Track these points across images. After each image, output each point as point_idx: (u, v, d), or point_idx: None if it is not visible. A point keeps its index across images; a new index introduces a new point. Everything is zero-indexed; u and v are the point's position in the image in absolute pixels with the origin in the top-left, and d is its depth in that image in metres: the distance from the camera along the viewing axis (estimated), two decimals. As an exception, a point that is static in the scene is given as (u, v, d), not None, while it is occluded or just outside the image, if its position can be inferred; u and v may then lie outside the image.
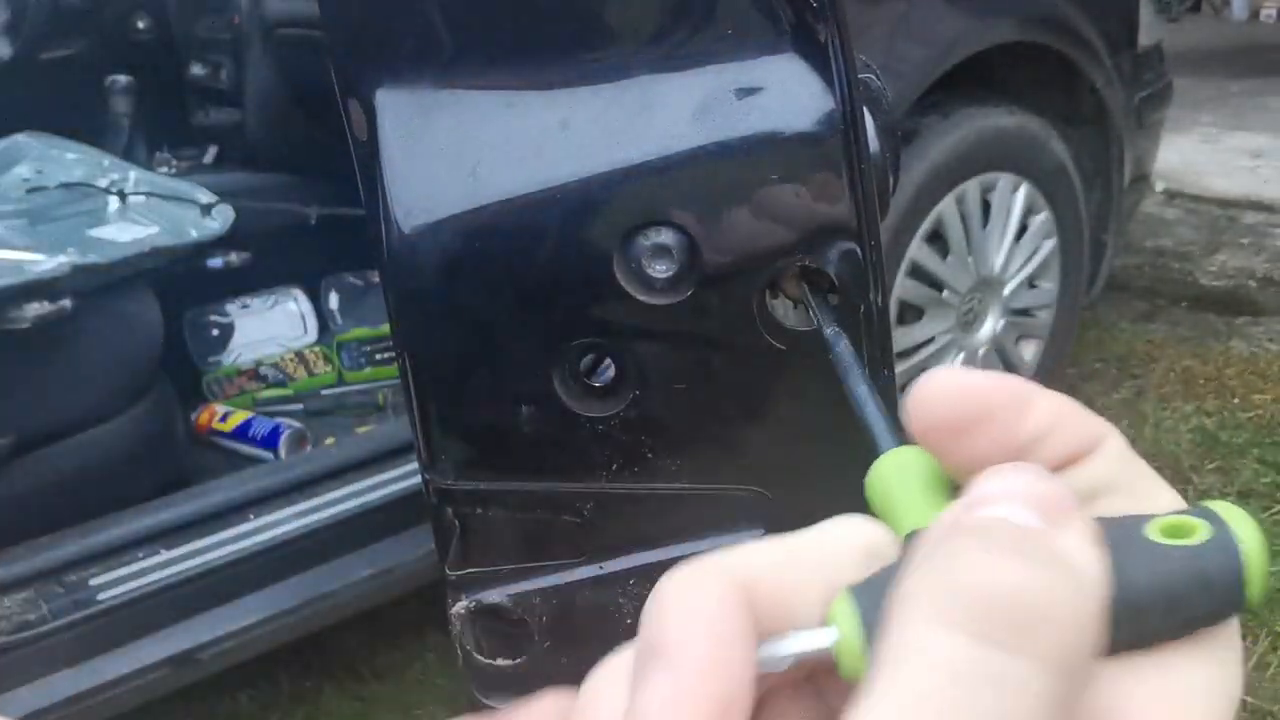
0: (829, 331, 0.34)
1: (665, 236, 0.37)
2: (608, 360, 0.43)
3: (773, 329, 0.37)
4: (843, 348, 0.32)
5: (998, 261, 2.59)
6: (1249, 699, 2.06)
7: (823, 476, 0.37)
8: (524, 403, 0.42)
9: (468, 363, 0.43)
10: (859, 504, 0.41)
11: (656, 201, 0.37)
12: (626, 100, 0.38)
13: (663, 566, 0.30)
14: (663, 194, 0.37)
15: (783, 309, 0.39)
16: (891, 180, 0.40)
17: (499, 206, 0.40)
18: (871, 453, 0.28)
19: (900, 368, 2.47)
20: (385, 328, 2.51)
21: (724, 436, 0.40)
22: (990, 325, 2.66)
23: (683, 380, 0.39)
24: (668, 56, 0.38)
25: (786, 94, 0.36)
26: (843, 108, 0.35)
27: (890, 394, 0.39)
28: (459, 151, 0.41)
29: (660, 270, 0.37)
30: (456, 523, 0.47)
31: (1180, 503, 0.26)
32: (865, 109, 0.37)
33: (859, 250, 0.36)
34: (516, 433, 0.43)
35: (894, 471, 0.27)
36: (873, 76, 0.42)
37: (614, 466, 0.41)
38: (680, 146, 0.37)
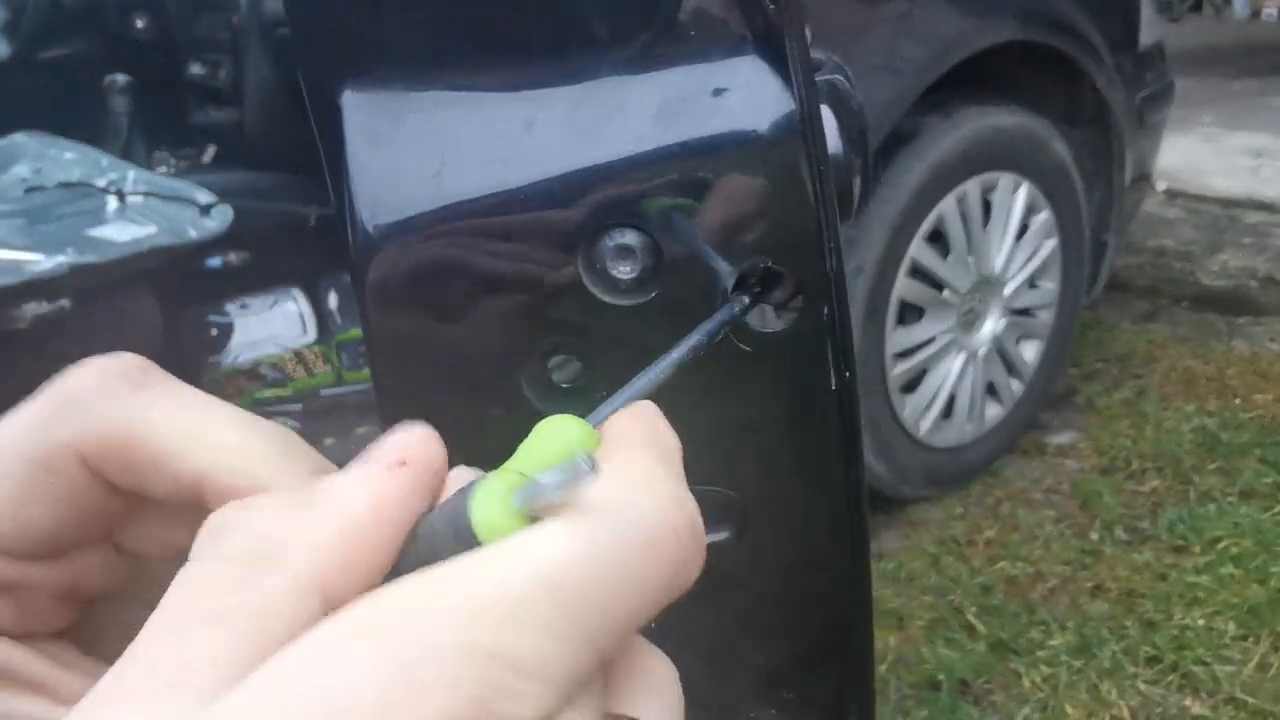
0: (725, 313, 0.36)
1: (629, 238, 0.37)
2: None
3: (738, 330, 0.37)
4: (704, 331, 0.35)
5: (998, 261, 2.59)
6: (1250, 699, 2.06)
7: (790, 476, 0.36)
8: (492, 404, 0.42)
9: (435, 364, 0.43)
10: (828, 504, 0.41)
11: (620, 202, 0.37)
12: (591, 101, 0.38)
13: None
14: (626, 195, 0.37)
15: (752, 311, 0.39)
16: (858, 182, 0.40)
17: (464, 208, 0.40)
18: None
19: (902, 367, 2.47)
20: (384, 327, 2.51)
21: (690, 437, 0.39)
22: (991, 325, 2.66)
23: (648, 382, 0.39)
24: (632, 58, 0.38)
25: (749, 95, 0.36)
26: (800, 109, 0.35)
27: (852, 394, 0.38)
28: (424, 152, 0.41)
29: (624, 271, 0.37)
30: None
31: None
32: (829, 110, 0.37)
33: (819, 253, 0.36)
34: (485, 434, 0.43)
35: (558, 433, 0.29)
36: (841, 78, 0.42)
37: (582, 468, 0.41)
38: (644, 147, 0.37)
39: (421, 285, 0.45)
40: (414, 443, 0.27)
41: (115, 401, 0.27)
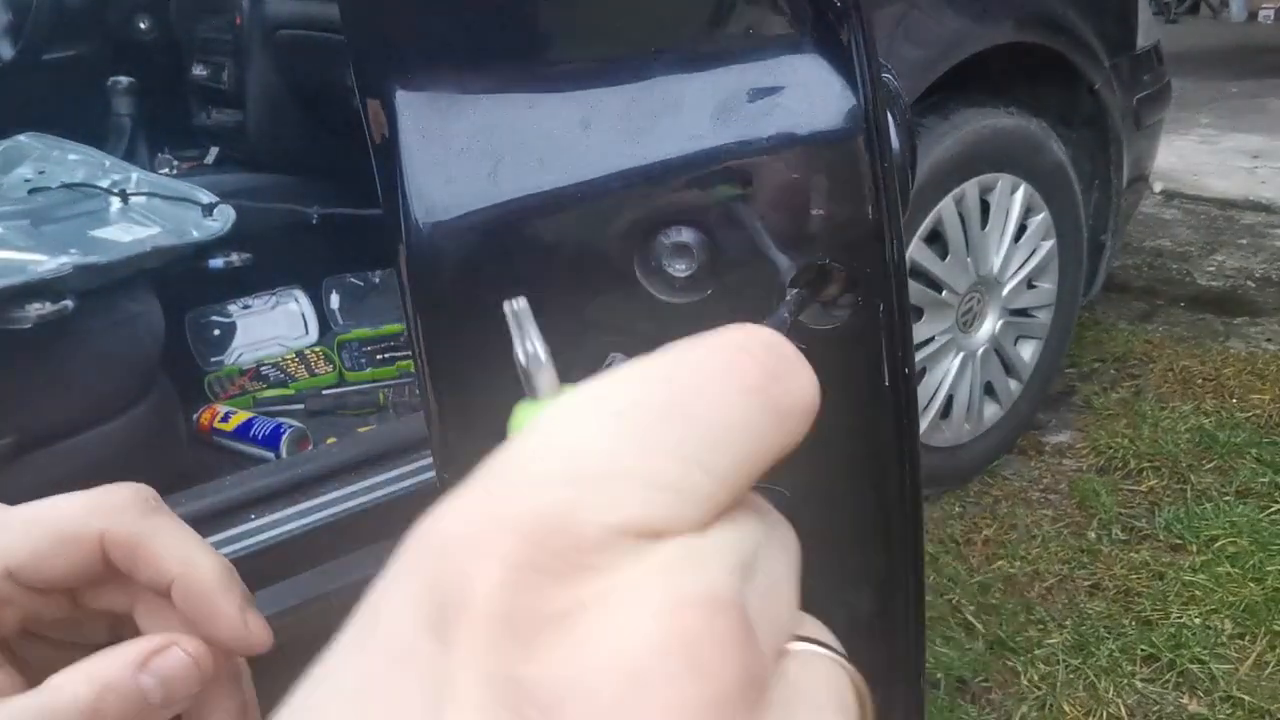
0: None
1: (686, 235, 0.37)
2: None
3: (792, 328, 0.38)
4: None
5: (996, 262, 2.59)
6: (1246, 697, 2.06)
7: (840, 475, 0.37)
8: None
9: (486, 362, 0.43)
10: (878, 503, 0.41)
11: (677, 200, 0.37)
12: (648, 100, 0.38)
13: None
14: (684, 193, 0.38)
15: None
16: (911, 178, 0.40)
17: (519, 206, 0.40)
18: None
19: (899, 368, 2.48)
20: (386, 328, 2.53)
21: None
22: (989, 325, 2.67)
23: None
24: (689, 56, 0.38)
25: (808, 93, 0.36)
26: (865, 107, 0.35)
27: (909, 390, 0.39)
28: (479, 151, 0.41)
29: (680, 269, 0.37)
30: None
31: None
32: (886, 108, 0.37)
33: (881, 248, 0.36)
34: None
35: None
36: (890, 76, 0.42)
37: (633, 464, 0.41)
38: (701, 145, 0.37)
39: (474, 284, 0.45)
40: None
41: (137, 515, 0.43)
